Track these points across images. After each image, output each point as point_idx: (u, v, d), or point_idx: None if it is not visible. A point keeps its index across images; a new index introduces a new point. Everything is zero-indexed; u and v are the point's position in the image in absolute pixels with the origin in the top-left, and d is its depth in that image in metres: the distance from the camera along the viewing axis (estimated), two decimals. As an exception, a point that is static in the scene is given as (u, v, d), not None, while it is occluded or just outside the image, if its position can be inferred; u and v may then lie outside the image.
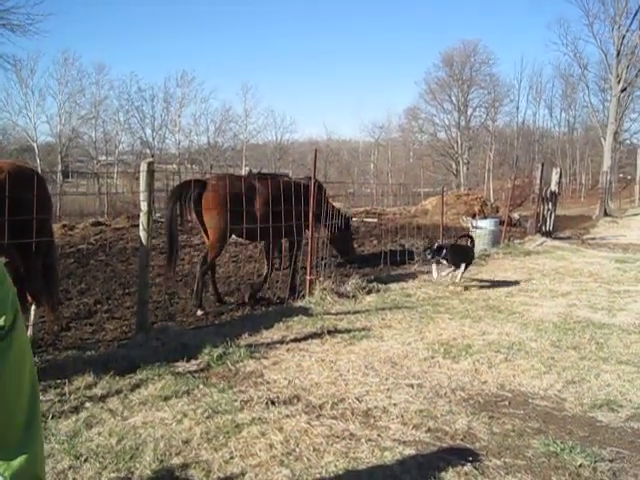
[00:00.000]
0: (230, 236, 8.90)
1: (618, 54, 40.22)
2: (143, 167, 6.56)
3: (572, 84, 59.09)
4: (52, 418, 4.18)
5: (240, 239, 10.67)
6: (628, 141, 54.20)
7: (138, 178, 6.72)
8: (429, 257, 9.96)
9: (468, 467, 3.56)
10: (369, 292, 8.92)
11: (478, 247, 14.02)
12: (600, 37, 43.48)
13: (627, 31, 39.78)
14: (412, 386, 5.01)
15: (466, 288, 9.50)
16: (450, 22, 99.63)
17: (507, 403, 4.71)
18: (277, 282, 9.73)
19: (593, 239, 18.32)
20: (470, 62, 60.14)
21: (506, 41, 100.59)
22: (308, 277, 8.82)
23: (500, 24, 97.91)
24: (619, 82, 40.15)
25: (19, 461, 1.04)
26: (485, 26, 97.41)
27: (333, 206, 10.38)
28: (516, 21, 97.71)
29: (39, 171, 8.57)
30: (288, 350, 6.03)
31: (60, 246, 11.83)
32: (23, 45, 60.33)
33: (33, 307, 6.00)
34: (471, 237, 11.17)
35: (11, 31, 27.42)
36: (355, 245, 12.70)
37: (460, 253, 10.31)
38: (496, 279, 10.34)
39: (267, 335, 6.59)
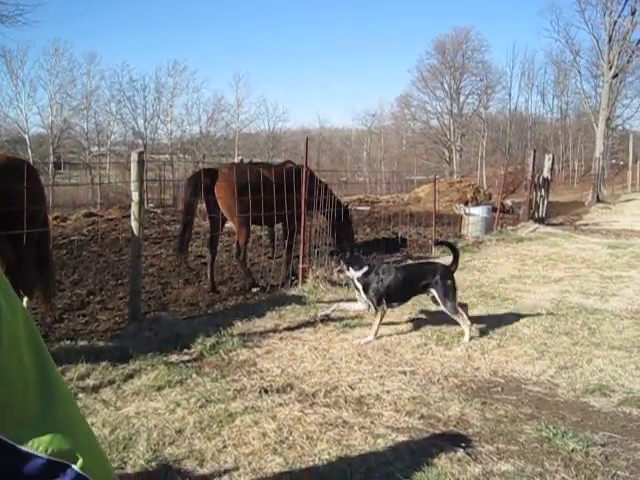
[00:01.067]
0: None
1: (610, 40, 40.17)
2: (134, 157, 6.54)
3: (564, 70, 58.94)
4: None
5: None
6: (620, 127, 54.16)
7: (130, 168, 6.70)
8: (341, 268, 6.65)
9: (461, 453, 3.57)
10: (362, 280, 8.91)
11: (471, 234, 14.07)
12: (592, 23, 43.41)
13: (619, 17, 39.72)
14: (405, 373, 5.02)
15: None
16: (442, 9, 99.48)
17: (500, 389, 4.72)
18: (270, 271, 9.72)
19: (586, 225, 18.35)
20: (462, 49, 60.01)
21: (498, 28, 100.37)
22: (301, 265, 8.82)
23: (492, 11, 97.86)
24: (611, 68, 40.13)
25: (47, 434, 1.03)
26: (477, 13, 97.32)
27: (332, 193, 10.39)
28: (508, 8, 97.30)
29: (31, 162, 8.55)
30: (281, 339, 6.03)
31: (53, 237, 11.77)
32: (12, 36, 59.75)
33: (25, 299, 5.98)
34: (451, 246, 7.07)
35: (0, 22, 27.21)
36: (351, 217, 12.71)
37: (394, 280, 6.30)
38: (489, 265, 10.35)
39: (260, 324, 6.59)
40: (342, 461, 3.48)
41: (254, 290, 8.62)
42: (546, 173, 18.57)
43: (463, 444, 3.70)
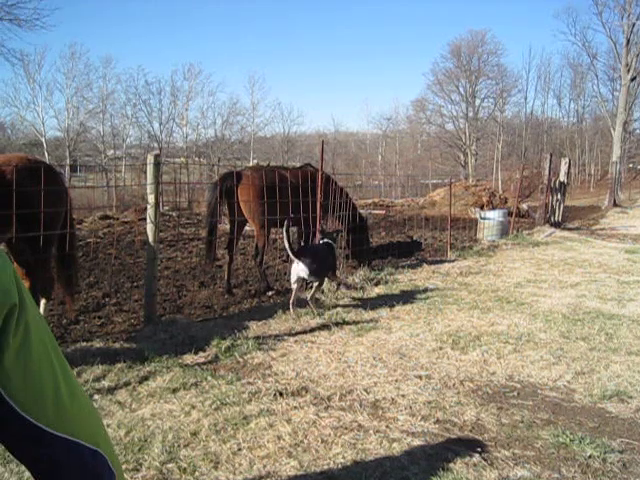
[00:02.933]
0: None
1: (628, 43, 39.96)
2: (149, 160, 6.56)
3: (581, 74, 58.81)
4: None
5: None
6: (638, 131, 54.00)
7: (145, 171, 6.72)
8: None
9: (477, 458, 3.54)
10: (377, 283, 8.91)
11: (487, 238, 14.03)
12: (609, 26, 43.20)
13: (637, 19, 39.51)
14: (420, 377, 5.00)
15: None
16: (458, 12, 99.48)
17: (516, 394, 4.69)
18: (285, 274, 9.72)
19: (602, 230, 18.24)
20: (478, 53, 59.90)
21: (514, 31, 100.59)
22: (316, 269, 8.81)
23: (508, 14, 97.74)
24: (629, 71, 39.91)
25: (79, 425, 1.17)
26: (493, 16, 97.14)
27: (348, 197, 10.33)
28: (524, 11, 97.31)
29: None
30: (296, 342, 6.03)
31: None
32: (30, 40, 60.63)
33: (43, 301, 6.01)
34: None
35: (18, 26, 27.50)
36: (369, 234, 12.64)
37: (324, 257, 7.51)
38: (504, 270, 10.30)
39: (275, 327, 6.59)
40: (357, 465, 3.47)
41: (269, 293, 8.63)
42: (562, 177, 18.46)
43: (479, 449, 3.67)
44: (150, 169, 6.51)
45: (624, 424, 4.13)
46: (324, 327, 6.54)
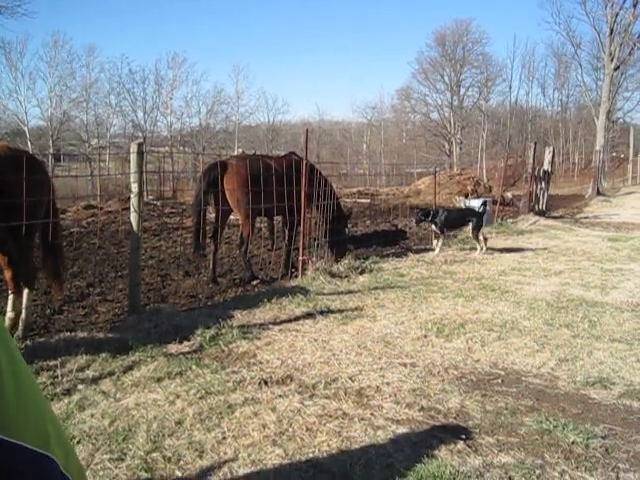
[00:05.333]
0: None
1: (611, 32, 40.00)
2: (133, 148, 6.52)
3: (565, 63, 58.81)
4: (44, 400, 4.16)
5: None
6: (621, 120, 54.06)
7: (129, 160, 6.68)
8: (417, 221, 10.98)
9: (461, 445, 3.56)
10: (362, 272, 8.92)
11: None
12: (593, 15, 43.15)
13: (620, 9, 39.50)
14: (405, 365, 5.01)
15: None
16: (443, 1, 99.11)
17: (500, 381, 4.71)
18: (270, 263, 9.72)
19: (586, 218, 18.35)
20: (463, 41, 59.85)
21: (499, 20, 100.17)
22: (301, 257, 8.82)
23: (493, 3, 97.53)
24: (612, 60, 39.97)
25: (27, 428, 1.04)
26: (478, 5, 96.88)
27: (331, 187, 10.28)
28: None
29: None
30: (281, 330, 6.02)
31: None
32: (11, 27, 59.70)
33: (26, 291, 5.97)
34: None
35: (-1, 13, 27.13)
36: (348, 226, 12.59)
37: (455, 217, 11.22)
38: (488, 258, 10.34)
39: (260, 316, 6.58)
40: (342, 453, 3.48)
41: (254, 282, 8.60)
42: (546, 166, 18.54)
43: (463, 436, 3.69)
44: (134, 158, 6.47)
45: (607, 410, 4.16)
46: (309, 316, 6.53)
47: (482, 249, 10.79)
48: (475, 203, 15.05)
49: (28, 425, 1.05)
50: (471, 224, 10.94)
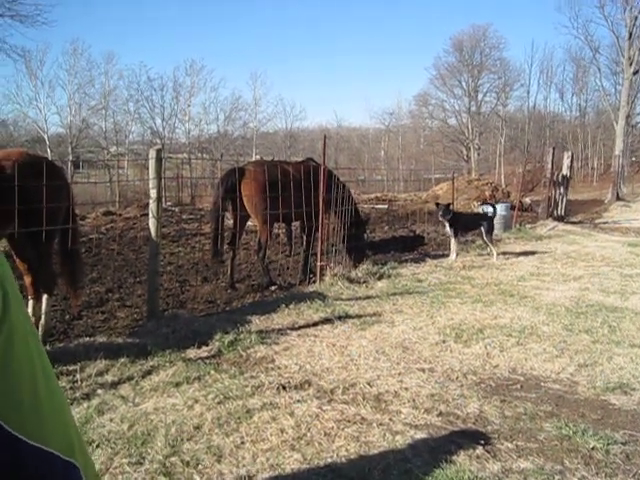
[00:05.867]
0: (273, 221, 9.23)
1: (630, 36, 39.86)
2: (152, 154, 6.57)
3: (583, 67, 58.51)
4: (64, 405, 4.19)
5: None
6: (640, 124, 53.73)
7: (148, 167, 6.73)
8: (440, 215, 10.91)
9: (480, 450, 3.55)
10: (380, 277, 8.91)
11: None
12: (612, 19, 43.06)
13: (639, 13, 39.37)
14: (423, 370, 5.00)
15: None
16: (460, 6, 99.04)
17: (519, 387, 4.69)
18: (287, 268, 9.73)
19: (605, 223, 18.21)
20: (480, 47, 59.71)
21: (516, 25, 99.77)
22: (319, 263, 8.82)
23: (510, 8, 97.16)
24: (631, 65, 39.81)
25: (55, 434, 1.07)
26: (495, 10, 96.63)
27: (350, 193, 10.24)
28: (526, 4, 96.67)
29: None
30: (299, 335, 6.03)
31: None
32: (32, 36, 60.26)
33: (45, 296, 6.01)
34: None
35: (20, 22, 27.47)
36: (366, 231, 12.57)
37: (467, 222, 11.32)
38: (507, 263, 10.29)
39: (278, 321, 6.60)
40: (360, 458, 3.47)
41: (272, 288, 8.61)
42: (565, 171, 18.44)
43: (482, 441, 3.67)
44: (152, 164, 6.52)
45: (627, 416, 4.12)
46: (327, 321, 6.53)
47: (495, 253, 10.83)
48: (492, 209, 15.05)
49: (57, 433, 1.08)
50: (483, 228, 10.96)
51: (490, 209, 11.61)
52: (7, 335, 1.00)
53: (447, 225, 10.81)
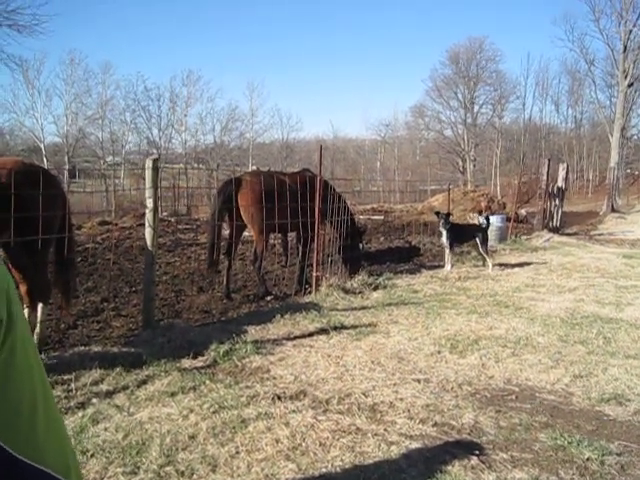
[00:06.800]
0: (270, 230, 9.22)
1: (625, 49, 40.00)
2: (148, 164, 6.58)
3: (579, 80, 58.70)
4: (59, 414, 4.18)
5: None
6: (636, 137, 53.89)
7: (145, 177, 6.74)
8: (441, 225, 11.01)
9: (475, 461, 3.55)
10: (375, 288, 8.93)
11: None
12: (607, 32, 43.20)
13: (634, 26, 39.55)
14: (419, 381, 5.00)
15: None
16: (456, 19, 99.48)
17: (514, 397, 4.70)
18: (283, 279, 9.74)
19: (600, 235, 18.27)
20: (476, 59, 59.90)
21: (512, 38, 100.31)
22: (315, 274, 8.83)
23: (506, 21, 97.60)
24: (626, 77, 39.94)
25: (51, 453, 1.08)
26: (491, 23, 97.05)
27: (345, 204, 10.24)
28: (522, 17, 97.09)
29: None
30: (294, 346, 6.03)
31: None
32: (29, 45, 60.56)
33: (40, 305, 6.00)
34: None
35: (17, 32, 27.47)
36: (362, 242, 12.57)
37: (462, 232, 11.40)
38: (502, 274, 10.31)
39: (273, 331, 6.59)
40: (355, 468, 3.47)
41: (268, 298, 8.60)
42: (560, 182, 18.49)
43: (477, 452, 3.68)
44: (149, 174, 6.53)
45: (622, 427, 4.13)
46: (322, 331, 6.53)
47: (490, 264, 10.92)
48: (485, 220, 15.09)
49: (54, 452, 1.08)
50: (478, 239, 11.06)
51: (484, 220, 11.63)
52: (7, 357, 1.00)
53: (445, 235, 10.83)
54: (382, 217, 21.46)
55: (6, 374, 1.00)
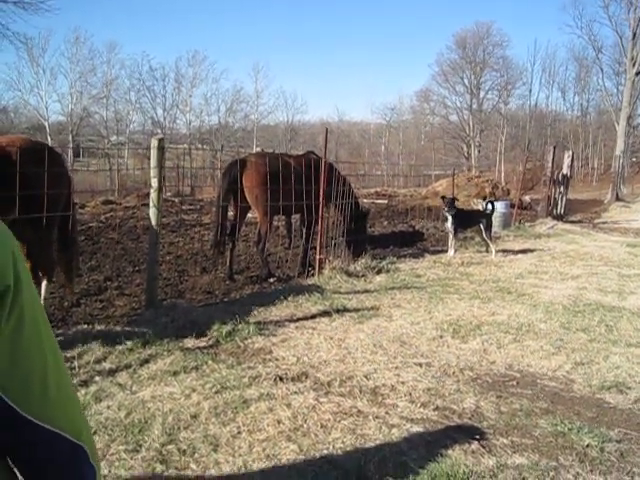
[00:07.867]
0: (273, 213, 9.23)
1: (634, 36, 39.79)
2: (153, 144, 6.57)
3: (586, 67, 58.48)
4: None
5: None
6: (642, 125, 53.70)
7: (149, 157, 6.73)
8: (446, 209, 10.97)
9: (475, 445, 3.56)
10: (379, 272, 8.93)
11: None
12: (615, 19, 43.06)
13: (643, 13, 39.31)
14: (420, 365, 5.01)
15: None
16: (464, 3, 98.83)
17: (515, 383, 4.71)
18: (286, 261, 9.75)
19: (604, 223, 18.24)
20: (483, 44, 59.69)
21: (520, 23, 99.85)
22: (318, 256, 8.83)
23: (514, 6, 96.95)
24: (634, 65, 39.75)
25: (64, 417, 1.12)
26: (499, 8, 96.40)
27: (350, 187, 10.22)
28: (530, 3, 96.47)
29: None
30: (297, 328, 6.04)
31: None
32: (34, 23, 60.34)
33: (44, 282, 6.02)
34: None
35: (23, 9, 27.27)
36: (367, 224, 12.53)
37: (467, 218, 11.35)
38: (505, 261, 10.30)
39: (276, 313, 6.61)
40: (356, 450, 3.49)
41: (271, 280, 8.62)
42: (565, 170, 18.45)
43: (478, 436, 3.69)
44: (154, 153, 6.52)
45: (622, 414, 4.14)
46: (325, 314, 6.54)
47: (493, 250, 10.90)
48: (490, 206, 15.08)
49: (66, 416, 1.12)
50: (481, 225, 11.03)
51: (489, 206, 11.61)
52: (16, 322, 1.01)
53: (450, 220, 10.79)
54: (386, 201, 21.47)
55: (16, 341, 1.01)
